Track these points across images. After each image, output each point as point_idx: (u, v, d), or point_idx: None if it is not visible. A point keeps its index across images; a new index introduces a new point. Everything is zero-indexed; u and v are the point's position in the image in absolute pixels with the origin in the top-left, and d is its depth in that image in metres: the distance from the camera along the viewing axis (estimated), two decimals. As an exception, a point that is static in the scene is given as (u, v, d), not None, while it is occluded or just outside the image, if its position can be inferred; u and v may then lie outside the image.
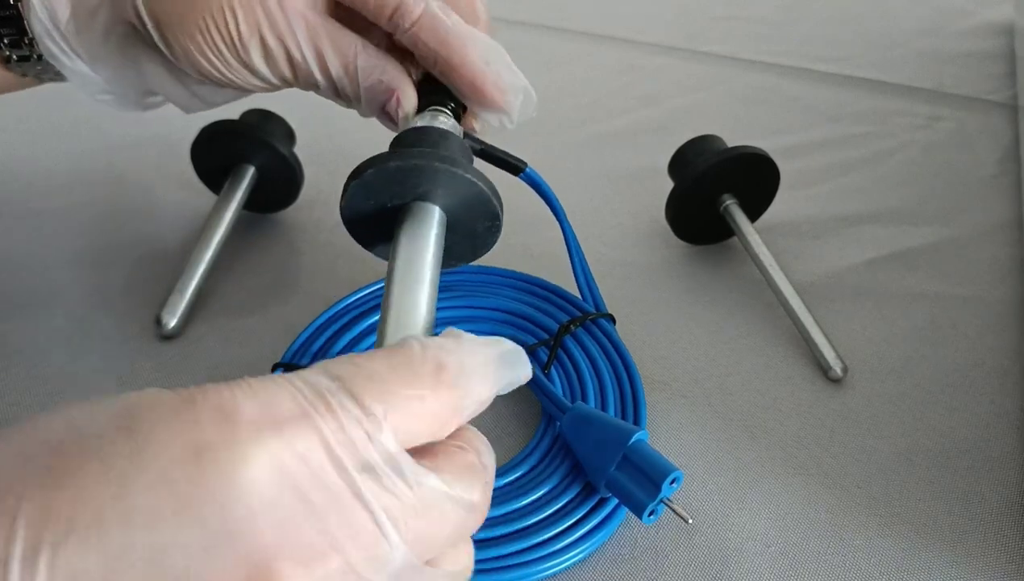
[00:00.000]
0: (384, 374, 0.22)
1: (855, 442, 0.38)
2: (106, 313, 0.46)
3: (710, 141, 0.48)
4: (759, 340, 0.43)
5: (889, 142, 0.60)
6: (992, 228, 0.51)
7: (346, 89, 0.35)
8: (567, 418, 0.35)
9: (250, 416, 0.19)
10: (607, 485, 0.33)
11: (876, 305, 0.45)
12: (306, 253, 0.50)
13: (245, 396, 0.20)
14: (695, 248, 0.50)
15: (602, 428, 0.34)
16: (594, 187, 0.56)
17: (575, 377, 0.38)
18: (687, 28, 0.78)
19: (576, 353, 0.39)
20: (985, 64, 0.69)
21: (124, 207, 0.54)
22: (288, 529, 0.19)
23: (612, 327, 0.41)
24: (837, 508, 0.35)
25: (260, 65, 0.34)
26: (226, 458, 0.18)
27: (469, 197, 0.31)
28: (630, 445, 0.33)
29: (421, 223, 0.31)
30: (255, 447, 0.19)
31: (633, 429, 0.33)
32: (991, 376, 0.41)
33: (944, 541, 0.34)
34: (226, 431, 0.19)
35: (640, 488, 0.32)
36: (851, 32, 0.76)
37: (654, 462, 0.32)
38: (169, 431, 0.19)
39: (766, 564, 0.33)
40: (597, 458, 0.33)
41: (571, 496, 0.34)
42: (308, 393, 0.20)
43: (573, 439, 0.35)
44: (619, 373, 0.39)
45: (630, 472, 0.32)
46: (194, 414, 0.19)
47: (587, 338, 0.40)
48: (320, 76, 0.34)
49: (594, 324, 0.40)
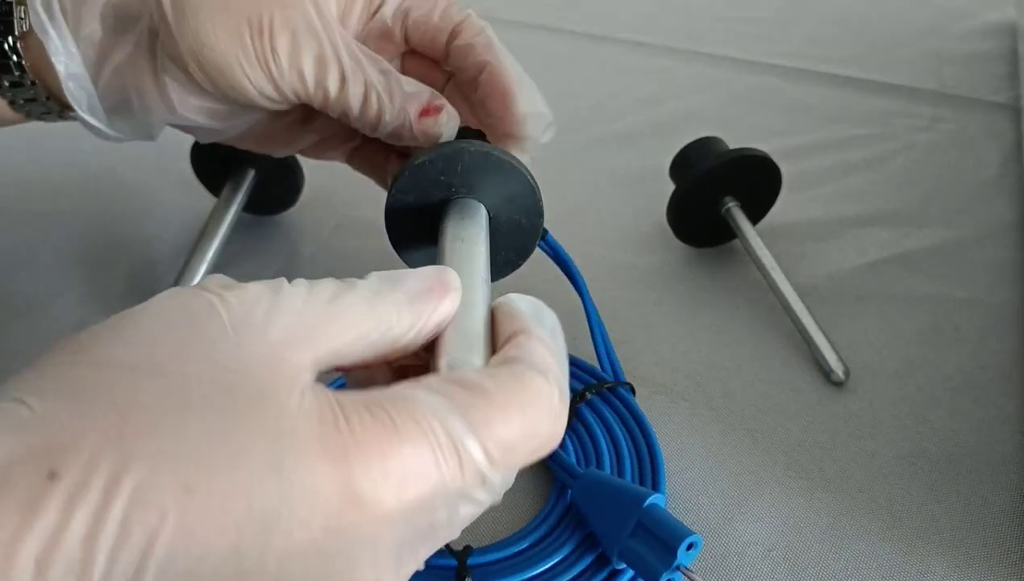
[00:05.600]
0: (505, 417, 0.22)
1: (857, 445, 0.38)
2: (105, 315, 0.45)
3: (712, 143, 0.48)
4: (761, 343, 0.43)
5: (891, 144, 0.60)
6: (995, 230, 0.51)
7: (378, 95, 0.33)
8: (578, 484, 0.33)
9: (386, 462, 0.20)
10: (620, 554, 0.31)
11: (878, 308, 0.45)
12: (306, 255, 0.50)
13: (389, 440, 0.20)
14: (696, 251, 0.50)
15: (615, 493, 0.32)
16: (595, 189, 0.56)
17: (590, 446, 0.36)
18: (689, 29, 0.77)
19: (591, 420, 0.37)
20: (987, 65, 0.69)
21: (124, 209, 0.54)
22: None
23: (631, 396, 0.39)
24: (839, 512, 0.35)
25: (284, 59, 0.32)
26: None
27: (515, 194, 0.32)
28: (644, 508, 0.30)
29: (471, 220, 0.31)
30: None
31: (647, 492, 0.31)
32: (993, 379, 0.41)
33: (946, 545, 0.34)
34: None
35: (654, 554, 0.30)
36: (853, 33, 0.76)
37: (669, 526, 0.30)
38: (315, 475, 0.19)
39: (768, 568, 0.33)
40: (610, 525, 0.31)
41: (583, 567, 0.32)
42: (445, 447, 0.21)
43: (585, 506, 0.33)
44: (636, 440, 0.37)
45: (644, 538, 0.30)
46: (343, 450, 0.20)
47: (603, 406, 0.38)
48: (352, 78, 0.33)
49: (612, 393, 0.39)
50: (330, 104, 0.33)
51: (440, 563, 0.32)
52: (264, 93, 0.33)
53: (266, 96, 0.33)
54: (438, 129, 0.34)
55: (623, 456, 0.36)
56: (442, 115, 0.34)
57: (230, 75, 0.32)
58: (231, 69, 0.32)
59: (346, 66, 0.33)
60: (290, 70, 0.32)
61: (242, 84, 0.32)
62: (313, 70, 0.32)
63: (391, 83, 0.33)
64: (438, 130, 0.34)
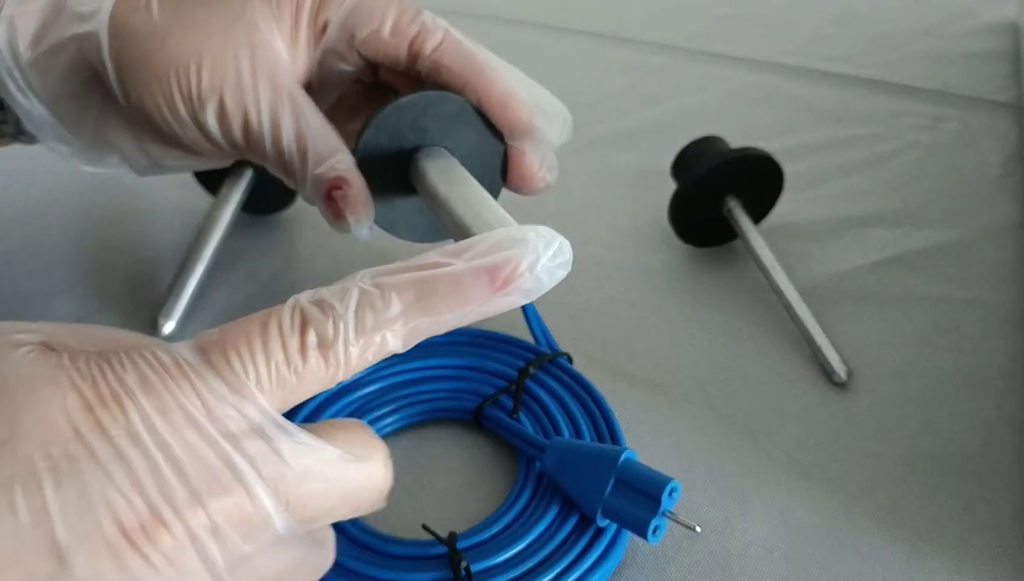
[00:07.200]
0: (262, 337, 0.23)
1: (858, 446, 0.38)
2: (104, 315, 0.46)
3: (713, 142, 0.47)
4: (762, 343, 0.43)
5: (893, 143, 0.60)
6: (997, 230, 0.51)
7: (294, 165, 0.32)
8: (548, 455, 0.34)
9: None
10: (604, 512, 0.32)
11: (880, 308, 0.45)
12: (304, 255, 0.50)
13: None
14: (698, 250, 0.50)
15: (587, 457, 0.33)
16: (596, 188, 0.55)
17: (545, 418, 0.37)
18: (690, 28, 0.77)
19: (541, 394, 0.38)
20: (990, 64, 0.69)
21: (122, 209, 0.54)
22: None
23: (570, 365, 0.40)
24: (840, 513, 0.35)
25: (212, 124, 0.32)
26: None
27: (482, 150, 0.33)
28: (620, 465, 0.31)
29: (442, 156, 0.32)
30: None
31: (619, 450, 0.32)
32: (995, 380, 0.41)
33: (948, 546, 0.34)
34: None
35: (639, 507, 0.31)
36: (855, 32, 0.76)
37: (649, 477, 0.31)
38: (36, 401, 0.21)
39: (769, 569, 0.33)
40: (588, 487, 0.32)
41: (567, 532, 0.32)
42: (169, 366, 0.22)
43: (559, 475, 0.33)
44: (587, 405, 0.37)
45: (626, 493, 0.31)
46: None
47: (549, 379, 0.39)
48: (271, 146, 0.32)
49: (553, 365, 0.39)
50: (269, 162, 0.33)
51: (429, 553, 0.32)
52: (208, 149, 0.34)
53: (212, 152, 0.34)
54: (341, 224, 0.32)
55: (577, 421, 0.37)
56: (346, 204, 0.32)
57: (173, 137, 0.33)
58: (171, 132, 0.33)
59: (266, 137, 0.32)
60: (222, 138, 0.32)
61: (185, 143, 0.33)
62: (242, 137, 0.32)
63: (304, 158, 0.32)
64: (342, 224, 0.32)
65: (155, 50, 0.31)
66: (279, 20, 0.32)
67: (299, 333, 0.23)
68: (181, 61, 0.31)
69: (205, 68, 0.31)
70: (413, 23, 0.32)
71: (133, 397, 0.21)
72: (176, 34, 0.31)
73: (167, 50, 0.31)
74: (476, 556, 0.31)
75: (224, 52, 0.31)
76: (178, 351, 0.22)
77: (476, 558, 0.31)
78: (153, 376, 0.21)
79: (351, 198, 0.32)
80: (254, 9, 0.32)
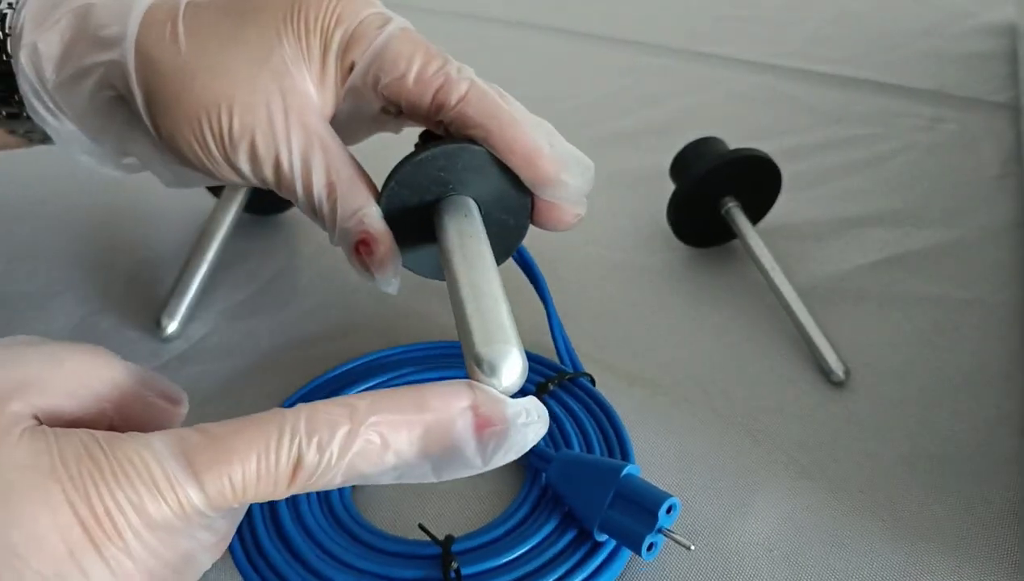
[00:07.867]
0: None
1: (857, 446, 0.38)
2: (106, 315, 0.46)
3: (712, 143, 0.48)
4: (761, 343, 0.43)
5: (891, 144, 0.60)
6: (995, 230, 0.51)
7: (323, 212, 0.32)
8: (553, 466, 0.34)
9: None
10: (602, 526, 0.31)
11: (878, 308, 0.45)
12: (306, 256, 0.50)
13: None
14: (696, 251, 0.50)
15: (590, 469, 0.33)
16: (595, 189, 0.55)
17: (558, 433, 0.37)
18: (689, 29, 0.77)
19: (557, 411, 0.38)
20: (988, 65, 0.69)
21: (124, 209, 0.54)
22: None
23: (592, 385, 0.40)
24: (840, 512, 0.35)
25: (244, 166, 0.32)
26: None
27: (505, 194, 0.33)
28: (621, 479, 0.31)
29: (471, 216, 0.32)
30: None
31: (622, 464, 0.32)
32: (994, 380, 0.41)
33: (947, 546, 0.34)
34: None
35: (636, 521, 0.31)
36: (853, 33, 0.76)
37: (648, 492, 0.31)
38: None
39: (768, 569, 0.33)
40: (588, 499, 0.32)
41: (565, 543, 0.32)
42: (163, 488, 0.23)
43: (561, 486, 0.33)
44: (601, 424, 0.38)
45: (624, 507, 0.31)
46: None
47: (568, 397, 0.39)
48: (301, 192, 0.32)
49: (573, 384, 0.39)
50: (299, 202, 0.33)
51: (423, 552, 0.32)
52: (240, 183, 0.34)
53: (243, 184, 0.35)
54: (368, 277, 0.32)
55: (590, 439, 0.37)
56: (373, 261, 0.32)
57: (205, 171, 0.33)
58: (204, 168, 0.33)
59: (298, 181, 0.32)
60: (254, 178, 0.32)
61: (216, 176, 0.34)
62: (273, 178, 0.32)
63: (333, 207, 0.32)
64: (368, 277, 0.32)
65: (183, 89, 0.31)
66: (309, 61, 0.32)
67: (291, 470, 0.24)
68: (212, 103, 0.31)
69: (237, 111, 0.31)
70: (438, 74, 0.31)
71: (126, 515, 0.22)
72: (203, 76, 0.31)
73: (195, 91, 0.31)
74: (469, 560, 0.32)
75: (254, 96, 0.31)
76: (167, 465, 0.23)
77: (469, 562, 0.31)
78: (145, 492, 0.22)
79: (378, 257, 0.32)
80: (283, 50, 0.31)
